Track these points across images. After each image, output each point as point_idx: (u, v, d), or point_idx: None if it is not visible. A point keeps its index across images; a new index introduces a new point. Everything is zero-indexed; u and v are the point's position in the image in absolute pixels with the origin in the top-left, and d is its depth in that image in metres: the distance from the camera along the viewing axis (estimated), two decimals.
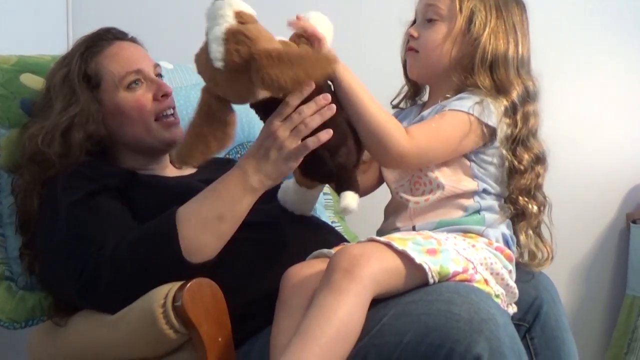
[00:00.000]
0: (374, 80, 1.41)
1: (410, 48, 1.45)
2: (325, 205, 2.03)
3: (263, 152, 1.31)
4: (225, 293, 1.29)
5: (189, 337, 1.27)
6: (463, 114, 1.34)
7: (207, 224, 1.32)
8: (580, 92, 2.52)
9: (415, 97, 1.54)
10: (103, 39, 1.61)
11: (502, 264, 1.34)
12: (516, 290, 1.36)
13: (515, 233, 1.41)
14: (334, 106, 1.29)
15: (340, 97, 1.32)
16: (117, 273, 1.31)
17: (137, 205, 1.45)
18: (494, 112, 1.35)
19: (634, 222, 2.50)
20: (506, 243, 1.38)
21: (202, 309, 1.25)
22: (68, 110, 1.52)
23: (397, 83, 1.55)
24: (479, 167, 1.38)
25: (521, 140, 1.37)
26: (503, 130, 1.36)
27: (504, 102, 1.36)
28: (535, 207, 1.40)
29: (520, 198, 1.38)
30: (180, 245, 1.29)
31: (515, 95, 1.37)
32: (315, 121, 1.28)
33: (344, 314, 1.14)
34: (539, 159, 1.40)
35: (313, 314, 1.15)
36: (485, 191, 1.38)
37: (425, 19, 1.43)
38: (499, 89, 1.38)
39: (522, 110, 1.38)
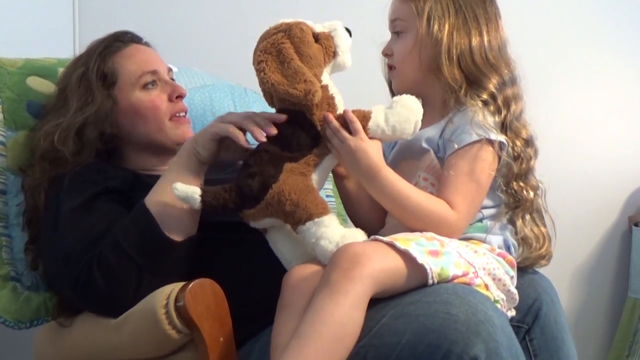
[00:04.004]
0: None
1: (389, 66, 1.46)
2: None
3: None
4: (226, 293, 1.29)
5: (192, 337, 1.28)
6: (474, 146, 1.34)
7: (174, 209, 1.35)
8: (582, 94, 2.51)
9: None
10: (120, 40, 1.64)
11: (504, 270, 1.34)
12: (517, 296, 1.37)
13: (512, 221, 1.41)
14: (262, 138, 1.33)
15: (376, 192, 1.33)
16: (107, 275, 1.33)
17: None
18: (488, 125, 1.34)
19: (636, 224, 2.50)
20: (508, 249, 1.39)
21: (204, 309, 1.25)
22: (84, 110, 1.54)
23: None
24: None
25: (508, 125, 1.37)
26: (496, 127, 1.36)
27: (483, 96, 1.36)
28: (531, 192, 1.40)
29: (514, 183, 1.38)
30: (159, 226, 1.33)
31: (491, 85, 1.37)
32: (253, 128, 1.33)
33: (340, 316, 1.15)
34: (528, 142, 1.40)
35: (310, 316, 1.16)
36: (488, 201, 1.39)
37: (393, 32, 1.44)
38: (471, 81, 1.37)
39: (501, 96, 1.37)
